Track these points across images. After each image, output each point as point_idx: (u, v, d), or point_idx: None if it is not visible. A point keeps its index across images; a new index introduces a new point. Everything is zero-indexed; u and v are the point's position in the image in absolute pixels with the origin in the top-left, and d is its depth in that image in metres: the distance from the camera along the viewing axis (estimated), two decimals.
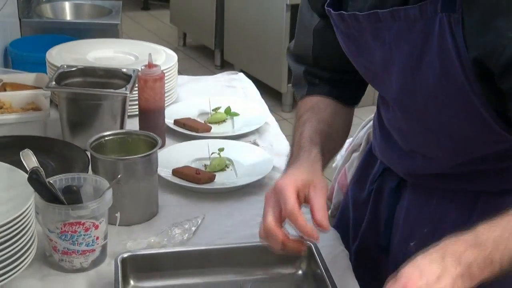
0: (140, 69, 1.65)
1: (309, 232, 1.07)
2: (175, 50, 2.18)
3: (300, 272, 1.26)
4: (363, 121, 1.64)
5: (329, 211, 1.61)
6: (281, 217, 1.09)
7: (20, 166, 1.24)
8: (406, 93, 1.16)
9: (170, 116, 1.78)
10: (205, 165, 1.61)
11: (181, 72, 2.08)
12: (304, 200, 1.11)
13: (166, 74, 1.72)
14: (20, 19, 2.98)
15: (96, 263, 1.26)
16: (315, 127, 1.25)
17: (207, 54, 5.22)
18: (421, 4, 1.06)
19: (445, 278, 0.93)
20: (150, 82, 1.63)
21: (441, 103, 1.12)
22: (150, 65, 1.64)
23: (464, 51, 1.04)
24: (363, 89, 1.37)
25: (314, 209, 1.09)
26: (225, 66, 4.91)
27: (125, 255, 1.21)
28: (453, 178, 1.24)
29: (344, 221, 1.48)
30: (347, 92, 1.34)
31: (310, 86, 1.34)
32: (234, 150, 1.65)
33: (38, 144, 1.51)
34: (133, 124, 1.72)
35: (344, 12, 1.16)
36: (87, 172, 1.41)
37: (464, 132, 1.15)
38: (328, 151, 1.24)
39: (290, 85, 4.31)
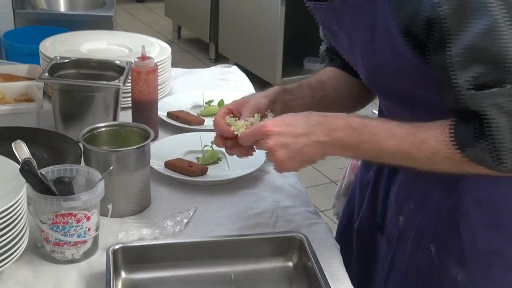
0: (133, 61, 1.65)
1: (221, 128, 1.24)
2: (169, 43, 2.18)
3: (291, 264, 1.27)
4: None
5: (340, 191, 1.71)
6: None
7: (12, 157, 1.25)
8: (373, 74, 1.22)
9: (163, 108, 1.79)
10: (198, 158, 1.61)
11: (175, 65, 2.08)
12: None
13: (159, 67, 1.72)
14: (14, 10, 2.96)
15: (87, 254, 1.26)
16: (302, 80, 1.39)
17: (201, 47, 5.22)
18: None
19: (304, 138, 1.13)
20: (143, 74, 1.63)
21: (403, 79, 1.17)
22: (143, 57, 1.64)
23: (396, 23, 1.09)
24: None
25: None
26: (219, 59, 4.90)
27: (117, 246, 1.22)
28: None
29: (353, 202, 1.54)
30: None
31: (330, 61, 1.46)
32: None
33: (31, 135, 1.51)
34: (126, 116, 1.72)
35: (310, 4, 1.25)
36: (80, 164, 1.41)
37: (436, 110, 1.16)
38: (310, 97, 1.35)
39: (284, 78, 4.31)
